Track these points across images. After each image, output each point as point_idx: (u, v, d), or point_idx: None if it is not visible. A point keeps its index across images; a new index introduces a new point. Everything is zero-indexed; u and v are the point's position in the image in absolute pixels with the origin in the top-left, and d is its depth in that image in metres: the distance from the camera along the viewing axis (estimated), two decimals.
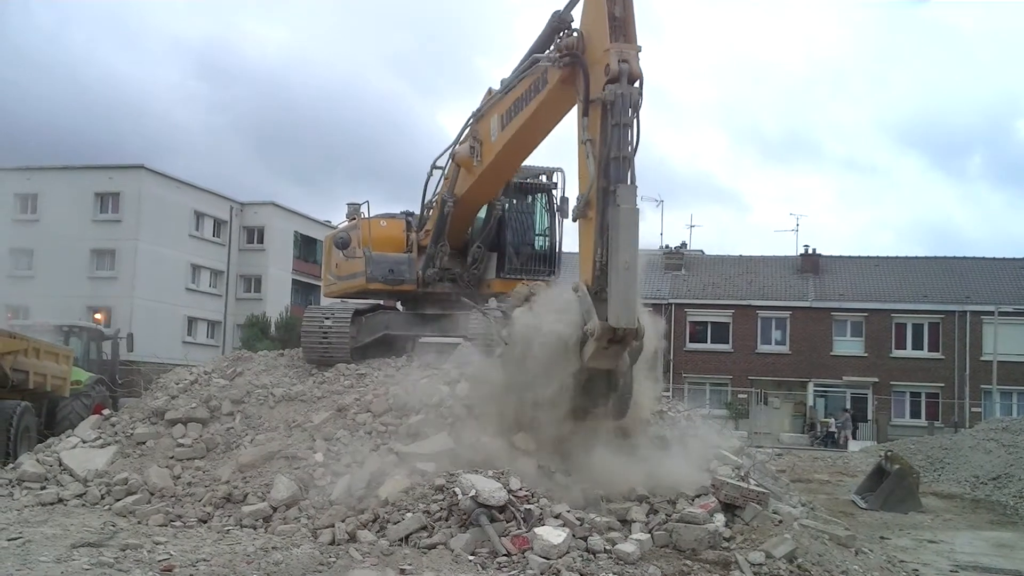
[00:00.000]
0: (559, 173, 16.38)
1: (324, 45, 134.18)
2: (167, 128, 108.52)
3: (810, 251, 56.72)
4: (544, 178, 16.62)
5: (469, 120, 14.31)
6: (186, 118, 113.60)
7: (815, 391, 52.47)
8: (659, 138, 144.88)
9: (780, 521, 10.97)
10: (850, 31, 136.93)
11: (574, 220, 11.16)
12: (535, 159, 15.42)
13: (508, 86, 13.01)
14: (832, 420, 48.77)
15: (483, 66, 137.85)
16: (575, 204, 11.07)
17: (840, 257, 57.53)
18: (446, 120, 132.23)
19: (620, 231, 10.14)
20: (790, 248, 63.38)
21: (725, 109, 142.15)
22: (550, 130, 12.81)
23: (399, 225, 16.94)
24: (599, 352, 10.65)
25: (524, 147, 13.54)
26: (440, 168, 15.78)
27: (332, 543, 9.97)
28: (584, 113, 10.82)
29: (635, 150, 10.33)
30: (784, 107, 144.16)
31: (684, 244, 60.20)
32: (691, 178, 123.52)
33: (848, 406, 51.18)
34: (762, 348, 53.31)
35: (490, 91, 13.91)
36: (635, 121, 10.31)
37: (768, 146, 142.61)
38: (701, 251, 61.78)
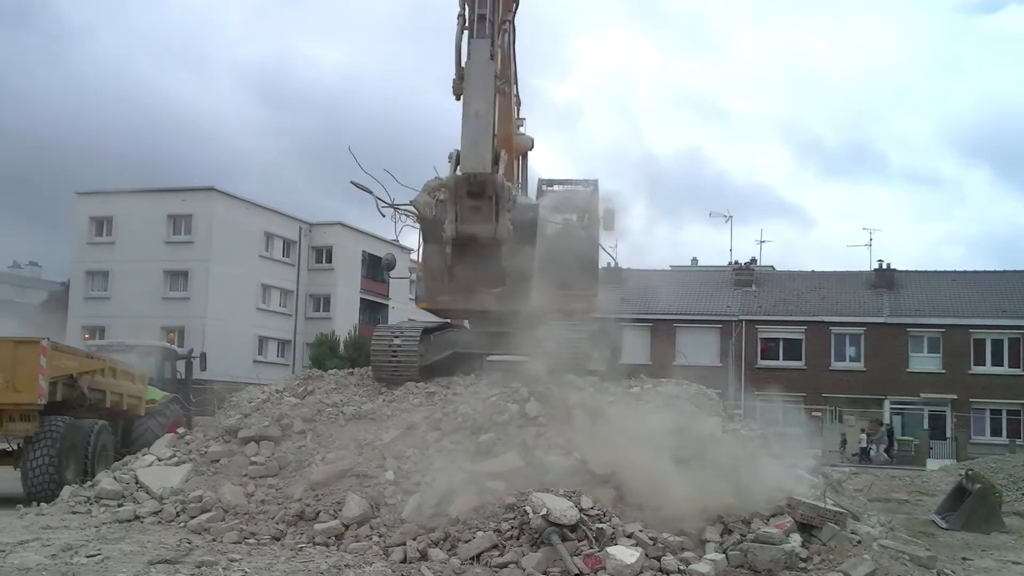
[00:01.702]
0: (594, 184, 16.43)
1: (382, 65, 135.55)
2: (231, 153, 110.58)
3: (884, 266, 55.69)
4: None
5: None
6: (248, 142, 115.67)
7: (891, 408, 51.42)
8: (718, 153, 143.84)
9: (859, 541, 10.77)
10: (910, 42, 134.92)
11: (457, 99, 11.31)
12: (570, 172, 15.70)
13: None
14: (864, 436, 47.64)
15: (539, 86, 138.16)
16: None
17: (915, 272, 56.36)
18: None
19: (471, 81, 10.70)
20: (861, 263, 62.37)
21: (785, 123, 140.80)
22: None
23: None
24: (465, 212, 10.85)
25: None
26: None
27: (404, 561, 9.96)
28: None
29: (498, 18, 10.88)
30: (845, 120, 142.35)
31: (754, 260, 59.49)
32: (752, 193, 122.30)
33: (926, 424, 50.08)
34: (836, 365, 52.41)
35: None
36: None
37: (830, 159, 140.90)
38: (771, 267, 61.03)
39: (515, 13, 14.26)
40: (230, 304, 54.46)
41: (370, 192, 11.93)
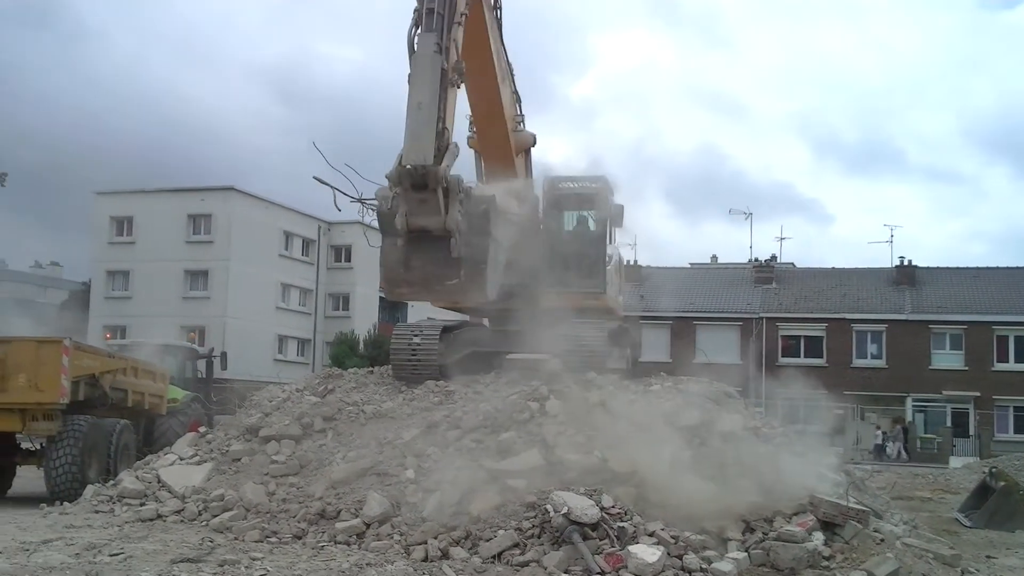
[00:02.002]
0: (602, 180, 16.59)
1: (399, 65, 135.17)
2: (249, 152, 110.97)
3: (906, 262, 55.35)
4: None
5: None
6: (266, 141, 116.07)
7: (914, 406, 51.13)
8: (735, 150, 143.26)
9: (882, 540, 10.72)
10: (929, 38, 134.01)
11: None
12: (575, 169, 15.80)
13: None
14: (879, 432, 47.33)
15: (558, 84, 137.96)
16: None
17: (936, 268, 55.96)
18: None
19: (415, 73, 10.92)
20: (882, 260, 61.98)
21: (802, 120, 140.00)
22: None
23: None
24: (412, 205, 11.04)
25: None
26: None
27: (425, 560, 9.96)
28: None
29: (452, 11, 11.19)
30: (863, 116, 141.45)
31: (774, 257, 59.25)
32: (769, 190, 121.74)
33: (948, 422, 49.77)
34: (857, 362, 52.15)
35: None
36: None
37: (849, 156, 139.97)
38: (792, 264, 60.76)
39: (500, 9, 14.22)
40: (250, 303, 54.65)
41: (331, 187, 12.05)
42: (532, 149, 16.54)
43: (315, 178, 12.43)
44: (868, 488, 14.91)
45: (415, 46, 11.24)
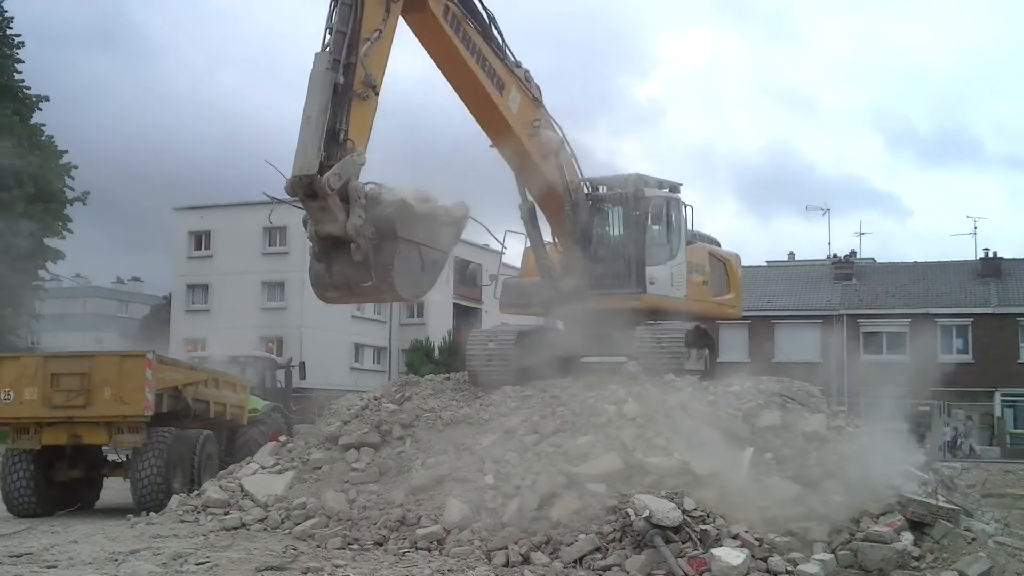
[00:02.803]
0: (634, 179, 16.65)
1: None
2: None
3: (990, 254, 53.95)
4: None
5: None
6: None
7: (1003, 401, 49.77)
8: (806, 144, 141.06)
9: (973, 539, 10.50)
10: (1006, 23, 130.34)
11: None
12: (654, 171, 15.71)
13: None
14: (948, 428, 45.97)
15: (625, 85, 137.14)
16: None
17: (1023, 260, 54.46)
18: (589, 141, 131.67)
19: (308, 88, 11.57)
20: (965, 252, 60.43)
21: (875, 112, 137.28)
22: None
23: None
24: (315, 213, 11.66)
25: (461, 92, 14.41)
26: None
27: (506, 565, 9.94)
28: None
29: (357, 30, 11.82)
30: (939, 106, 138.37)
31: (853, 252, 58.17)
32: (843, 184, 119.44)
33: None
34: (943, 358, 50.89)
35: None
36: (356, 4, 11.82)
37: (925, 147, 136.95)
38: (872, 259, 59.63)
39: (494, 21, 14.44)
40: (326, 313, 54.97)
41: (278, 200, 12.41)
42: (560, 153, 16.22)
43: (264, 193, 12.83)
44: (957, 486, 14.54)
45: (313, 62, 11.87)
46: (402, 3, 12.62)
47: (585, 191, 16.28)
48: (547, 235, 16.45)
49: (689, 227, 17.08)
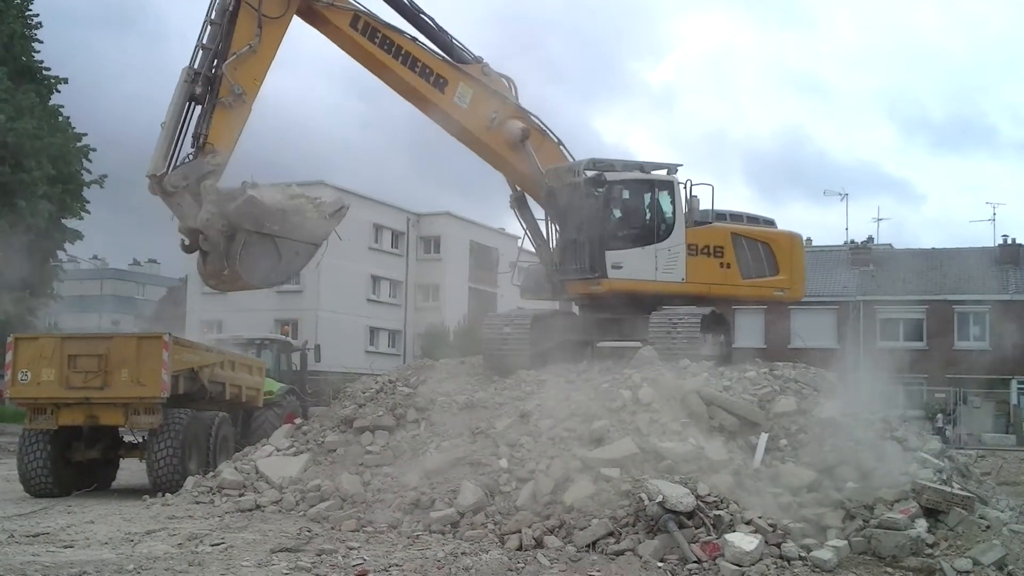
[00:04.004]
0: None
1: (475, 50, 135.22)
2: (333, 146, 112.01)
3: (1009, 241, 53.54)
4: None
5: None
6: (345, 135, 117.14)
7: (1019, 388, 49.43)
8: (818, 130, 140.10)
9: (988, 526, 10.46)
10: (1018, 9, 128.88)
11: None
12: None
13: None
14: (941, 415, 45.62)
15: (637, 70, 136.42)
16: None
17: None
18: (600, 126, 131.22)
19: (172, 99, 13.29)
20: (982, 239, 59.98)
21: (888, 97, 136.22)
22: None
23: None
24: (175, 209, 13.17)
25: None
26: None
27: (519, 549, 9.96)
28: None
29: (221, 48, 13.39)
30: (952, 92, 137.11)
31: (871, 238, 57.90)
32: (855, 169, 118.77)
33: None
34: (960, 344, 50.63)
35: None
36: (224, 23, 13.42)
37: (937, 133, 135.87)
38: (890, 245, 59.29)
39: (424, 15, 15.40)
40: (342, 296, 55.34)
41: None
42: (538, 140, 16.30)
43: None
44: (972, 473, 14.47)
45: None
46: (285, 20, 14.00)
47: (572, 177, 16.02)
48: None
49: (705, 208, 16.61)
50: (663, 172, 16.63)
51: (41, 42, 36.40)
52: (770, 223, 17.76)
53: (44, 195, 32.83)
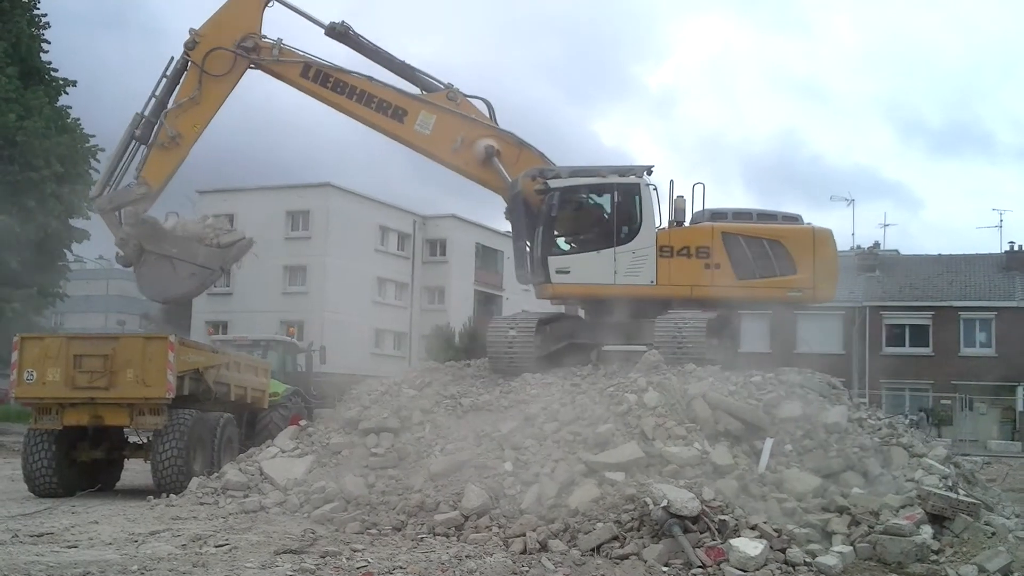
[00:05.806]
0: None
1: (475, 53, 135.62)
2: (335, 149, 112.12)
3: (1016, 247, 53.42)
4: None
5: None
6: (343, 135, 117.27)
7: None
8: (814, 134, 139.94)
9: (993, 533, 10.43)
10: (1016, 15, 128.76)
11: None
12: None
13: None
14: (911, 418, 45.27)
15: (637, 73, 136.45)
16: None
17: None
18: (599, 127, 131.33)
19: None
20: (989, 245, 59.89)
21: (885, 102, 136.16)
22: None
23: None
24: (109, 226, 16.19)
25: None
26: None
27: (524, 552, 9.93)
28: None
29: (164, 97, 16.09)
30: (949, 97, 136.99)
31: (877, 244, 57.73)
32: (852, 174, 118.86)
33: None
34: (965, 351, 50.51)
35: None
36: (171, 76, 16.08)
37: (935, 138, 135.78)
38: (896, 251, 59.20)
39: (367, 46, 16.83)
40: (347, 298, 55.31)
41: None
42: (514, 154, 16.69)
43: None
44: (978, 480, 14.44)
45: None
46: (233, 77, 16.15)
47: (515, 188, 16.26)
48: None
49: (695, 209, 16.28)
50: (632, 176, 16.16)
51: (48, 43, 36.50)
52: (793, 219, 16.83)
53: (52, 194, 32.93)
